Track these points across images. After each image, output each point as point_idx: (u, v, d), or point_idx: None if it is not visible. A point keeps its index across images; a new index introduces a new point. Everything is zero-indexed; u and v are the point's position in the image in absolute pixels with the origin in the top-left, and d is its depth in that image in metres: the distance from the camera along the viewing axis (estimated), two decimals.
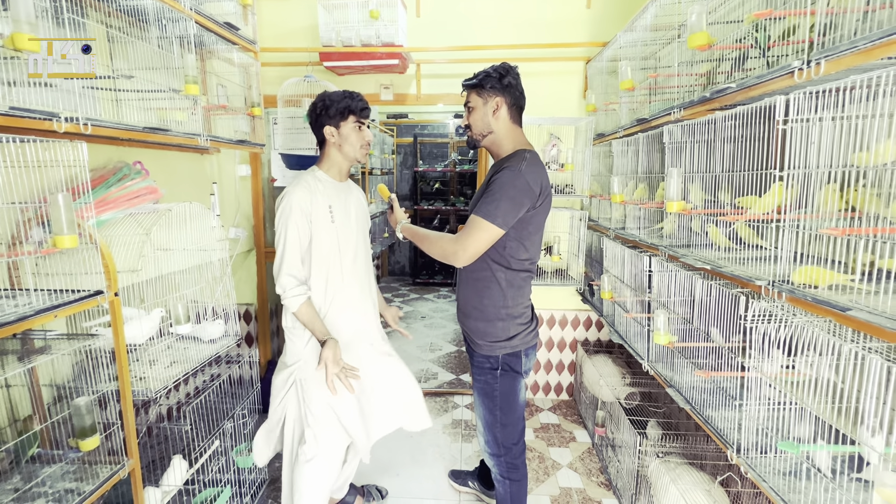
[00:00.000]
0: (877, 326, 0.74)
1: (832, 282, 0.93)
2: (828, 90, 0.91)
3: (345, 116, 1.54)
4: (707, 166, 1.39)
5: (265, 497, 2.05)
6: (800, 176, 1.00)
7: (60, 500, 1.20)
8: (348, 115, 1.54)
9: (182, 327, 1.59)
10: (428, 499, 2.06)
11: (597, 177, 2.66)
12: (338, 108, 1.53)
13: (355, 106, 1.54)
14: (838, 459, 1.05)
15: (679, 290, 1.53)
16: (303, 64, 2.69)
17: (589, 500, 2.07)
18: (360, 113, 1.56)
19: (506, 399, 1.56)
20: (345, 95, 1.55)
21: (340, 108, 1.53)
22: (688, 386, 1.49)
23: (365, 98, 1.59)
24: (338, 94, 1.57)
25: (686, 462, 1.71)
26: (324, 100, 1.55)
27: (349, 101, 1.54)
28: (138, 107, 1.61)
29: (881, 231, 0.81)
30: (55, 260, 1.27)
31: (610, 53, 2.27)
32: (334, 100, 1.54)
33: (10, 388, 1.39)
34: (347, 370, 1.52)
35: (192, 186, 2.37)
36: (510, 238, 1.43)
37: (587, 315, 2.91)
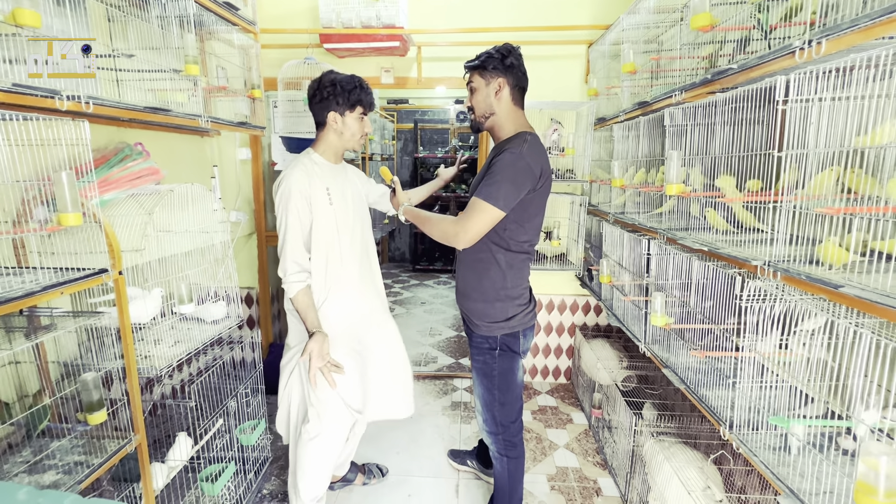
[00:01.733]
0: (867, 302, 0.76)
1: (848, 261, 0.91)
2: (829, 70, 0.91)
3: (353, 107, 1.53)
4: (707, 149, 1.40)
5: (268, 474, 2.10)
6: (799, 157, 1.01)
7: (70, 471, 1.23)
8: (356, 106, 1.53)
9: (185, 307, 1.61)
10: (427, 477, 2.11)
11: (598, 162, 2.66)
12: (348, 98, 1.50)
13: (366, 100, 1.53)
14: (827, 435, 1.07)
15: (677, 272, 1.55)
16: (303, 46, 2.67)
17: (585, 478, 2.12)
18: (368, 107, 1.55)
19: (504, 378, 1.58)
20: (355, 85, 1.51)
21: (352, 99, 1.51)
22: (683, 367, 1.52)
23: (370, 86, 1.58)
24: (346, 79, 1.52)
25: (680, 441, 1.74)
26: (333, 83, 1.50)
27: (360, 92, 1.52)
28: (139, 87, 1.61)
29: (875, 210, 0.82)
30: (60, 239, 1.28)
31: (613, 36, 2.26)
32: (344, 87, 1.50)
33: (18, 364, 1.41)
34: (332, 365, 1.53)
35: (193, 170, 2.37)
36: (510, 220, 1.44)
37: (586, 300, 2.93)
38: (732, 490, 1.62)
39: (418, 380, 3.04)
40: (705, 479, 1.52)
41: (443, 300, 4.76)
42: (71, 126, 1.17)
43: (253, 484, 1.96)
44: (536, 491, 2.03)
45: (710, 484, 1.50)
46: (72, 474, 1.22)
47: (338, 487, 2.00)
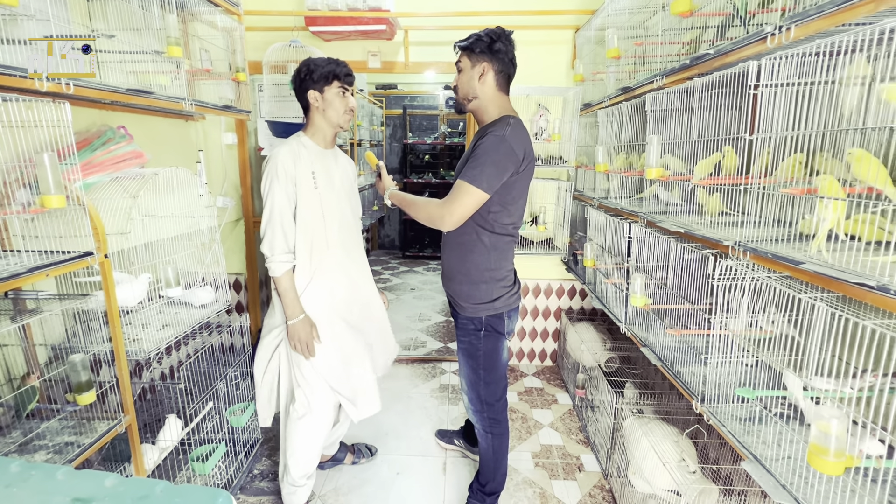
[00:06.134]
0: (824, 277, 0.81)
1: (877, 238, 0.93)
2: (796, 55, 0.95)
3: (329, 81, 1.54)
4: (685, 133, 1.43)
5: (259, 455, 2.14)
6: (769, 140, 1.04)
7: (61, 451, 1.25)
8: (332, 79, 1.54)
9: (172, 290, 1.62)
10: (416, 456, 2.16)
11: (583, 147, 2.69)
12: (322, 72, 1.53)
13: (340, 71, 1.55)
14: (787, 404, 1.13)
15: (655, 254, 1.60)
16: (288, 29, 2.63)
17: (568, 455, 2.19)
18: (345, 79, 1.56)
19: (489, 359, 1.63)
20: (329, 61, 1.56)
21: (325, 72, 1.53)
22: (661, 345, 1.57)
23: (350, 65, 1.59)
24: (322, 59, 1.57)
25: (658, 418, 1.81)
26: (308, 65, 1.56)
27: (333, 66, 1.55)
28: (120, 69, 1.59)
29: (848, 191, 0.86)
30: (44, 222, 1.28)
31: (598, 22, 2.27)
32: (319, 64, 1.55)
33: (4, 347, 1.42)
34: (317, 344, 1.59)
35: (178, 154, 2.35)
36: (494, 202, 1.46)
37: (571, 284, 2.99)
38: (707, 462, 1.70)
39: (408, 363, 3.09)
40: (680, 451, 1.59)
41: (432, 286, 4.80)
42: (52, 108, 1.16)
43: (244, 464, 2.00)
44: (521, 468, 2.10)
45: (685, 457, 1.57)
46: (62, 454, 1.24)
47: (328, 467, 2.05)
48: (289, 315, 1.55)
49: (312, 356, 1.58)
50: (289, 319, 1.55)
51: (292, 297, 1.55)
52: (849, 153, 0.93)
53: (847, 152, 0.94)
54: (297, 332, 1.54)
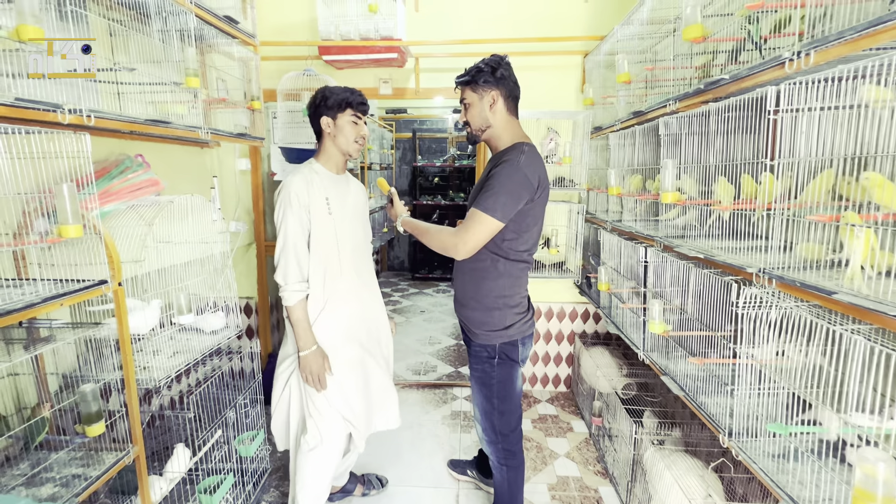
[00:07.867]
0: (860, 308, 0.77)
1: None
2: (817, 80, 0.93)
3: (342, 108, 1.56)
4: (701, 158, 1.42)
5: (267, 486, 2.08)
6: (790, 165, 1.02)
7: (67, 484, 1.23)
8: (346, 107, 1.56)
9: (184, 317, 1.61)
10: (427, 487, 2.09)
11: (594, 170, 2.68)
12: (336, 99, 1.56)
13: (353, 99, 1.57)
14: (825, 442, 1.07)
15: (674, 279, 1.56)
16: (302, 58, 2.70)
17: (586, 487, 2.11)
18: (358, 107, 1.58)
19: (503, 387, 1.58)
20: (344, 90, 1.59)
21: (339, 100, 1.56)
22: (682, 374, 1.52)
23: (364, 94, 1.62)
24: (338, 88, 1.60)
25: (681, 449, 1.74)
26: (323, 92, 1.59)
27: (348, 94, 1.58)
28: (139, 100, 1.63)
29: (867, 218, 0.83)
30: (60, 250, 1.29)
31: (607, 47, 2.29)
32: (334, 92, 1.58)
33: (16, 376, 1.41)
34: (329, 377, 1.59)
35: (193, 180, 2.38)
36: (508, 230, 1.45)
37: (585, 307, 2.94)
38: (734, 498, 1.61)
39: (418, 388, 3.03)
40: (706, 487, 1.52)
41: (442, 309, 4.76)
42: (72, 139, 1.18)
43: (252, 496, 1.94)
44: (537, 500, 2.01)
45: (711, 492, 1.49)
46: (69, 487, 1.22)
47: (337, 499, 1.99)
48: (301, 346, 1.53)
49: (324, 388, 1.55)
50: (300, 351, 1.53)
51: (305, 327, 1.53)
52: (865, 178, 0.91)
53: (864, 176, 0.91)
54: (308, 364, 1.52)
